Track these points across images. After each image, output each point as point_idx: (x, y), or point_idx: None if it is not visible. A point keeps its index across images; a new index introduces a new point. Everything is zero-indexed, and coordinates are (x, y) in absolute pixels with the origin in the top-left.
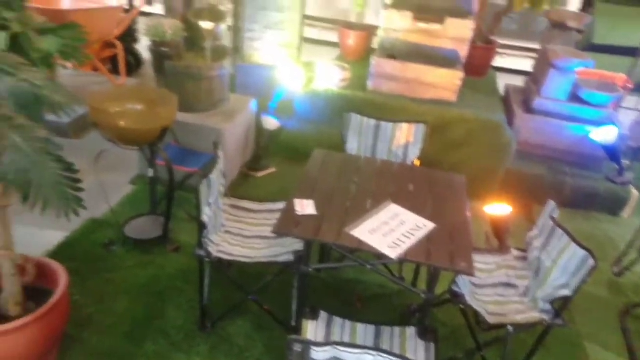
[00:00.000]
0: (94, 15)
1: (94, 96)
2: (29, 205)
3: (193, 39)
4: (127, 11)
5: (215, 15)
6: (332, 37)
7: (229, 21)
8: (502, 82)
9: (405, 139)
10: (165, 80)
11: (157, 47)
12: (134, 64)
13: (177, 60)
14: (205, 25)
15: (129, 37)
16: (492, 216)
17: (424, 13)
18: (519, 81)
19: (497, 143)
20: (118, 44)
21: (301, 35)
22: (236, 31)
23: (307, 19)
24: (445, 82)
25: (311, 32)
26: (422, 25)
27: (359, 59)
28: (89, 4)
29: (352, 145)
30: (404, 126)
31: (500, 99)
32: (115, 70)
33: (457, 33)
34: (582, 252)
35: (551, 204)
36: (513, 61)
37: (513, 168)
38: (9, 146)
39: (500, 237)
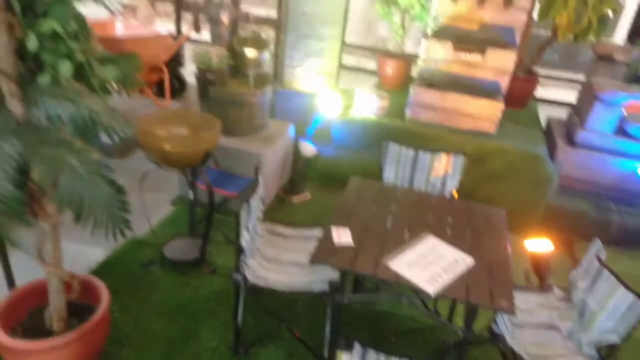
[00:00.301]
0: (145, 42)
1: (142, 119)
2: (80, 224)
3: (237, 66)
4: (175, 38)
5: (259, 44)
6: (371, 64)
7: (272, 49)
8: (544, 113)
9: (443, 170)
10: (209, 105)
11: (202, 74)
12: (178, 87)
13: (221, 87)
14: (249, 53)
15: (175, 61)
16: (532, 252)
17: (464, 43)
18: (561, 112)
19: (538, 176)
20: (165, 68)
21: (340, 63)
22: (278, 58)
23: (346, 46)
24: (484, 113)
25: (350, 59)
26: (463, 55)
27: (398, 88)
28: (141, 31)
29: (390, 174)
30: (442, 157)
31: (541, 131)
32: (160, 93)
33: (498, 64)
34: (631, 296)
35: (597, 243)
36: (555, 92)
37: (555, 202)
38: (66, 168)
39: (541, 275)
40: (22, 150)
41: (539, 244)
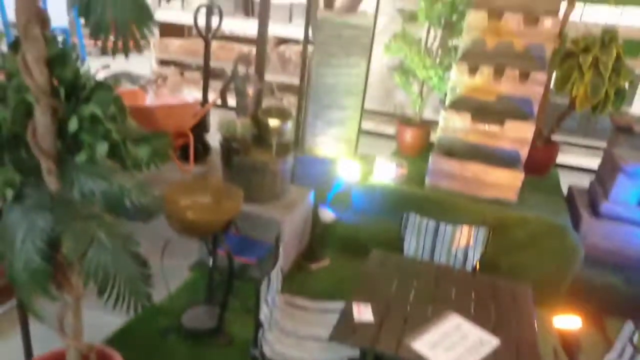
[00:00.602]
0: (174, 110)
1: (167, 188)
2: (103, 298)
3: (260, 134)
4: (202, 105)
5: (282, 114)
6: (389, 129)
7: (294, 116)
8: (564, 179)
9: (465, 242)
10: (232, 172)
11: (227, 142)
12: (202, 152)
13: (245, 155)
14: (273, 122)
15: (200, 127)
16: (560, 329)
17: (482, 114)
18: (580, 178)
19: (562, 248)
20: (190, 134)
21: (359, 129)
22: (299, 125)
23: (365, 112)
24: (505, 182)
25: (369, 124)
26: (481, 126)
27: (417, 154)
28: (170, 100)
29: (410, 246)
30: (464, 229)
31: (563, 200)
32: (184, 157)
33: (517, 135)
34: None
35: (629, 326)
36: (574, 158)
37: (582, 275)
38: (95, 242)
39: (571, 354)
40: (54, 225)
41: (568, 321)
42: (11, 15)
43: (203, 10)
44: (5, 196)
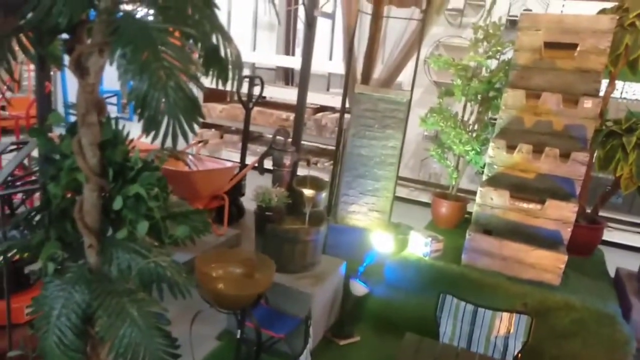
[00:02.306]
0: (212, 174)
1: (199, 258)
2: None
3: (294, 204)
4: (240, 168)
5: (317, 185)
6: (423, 196)
7: (328, 185)
8: (610, 258)
9: (505, 330)
10: (264, 240)
11: (261, 211)
12: (236, 215)
13: (278, 224)
14: (307, 192)
15: (235, 190)
16: None
17: (522, 192)
18: (627, 257)
19: (612, 339)
20: (226, 197)
21: (393, 199)
22: (333, 193)
23: (399, 179)
24: (546, 263)
25: (402, 192)
26: (521, 204)
27: (452, 227)
28: (209, 163)
29: (446, 330)
30: (504, 316)
31: (611, 284)
32: (219, 219)
33: (558, 215)
34: None
35: None
36: (619, 235)
37: None
38: (127, 320)
39: None
40: (90, 300)
41: None
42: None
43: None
44: (48, 270)
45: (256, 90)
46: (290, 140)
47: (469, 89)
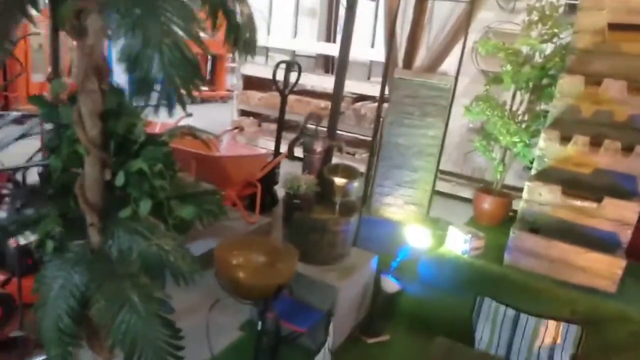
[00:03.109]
0: (243, 161)
1: (220, 245)
2: None
3: (324, 193)
4: (274, 156)
5: (349, 173)
6: (465, 192)
7: (363, 176)
8: None
9: (551, 340)
10: (291, 229)
11: (289, 199)
12: (269, 203)
13: (306, 212)
14: (338, 181)
15: (269, 178)
16: None
17: (575, 188)
18: None
19: None
20: (258, 185)
21: (432, 193)
22: (368, 184)
23: (440, 173)
24: (601, 268)
25: (443, 186)
26: (574, 202)
27: (495, 225)
28: (242, 150)
29: (483, 336)
30: (551, 324)
31: None
32: (252, 207)
33: (617, 215)
34: None
35: None
36: None
37: None
38: (126, 305)
39: None
40: (89, 282)
41: None
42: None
43: (283, 66)
44: (46, 248)
45: (293, 77)
46: (320, 127)
47: (519, 75)
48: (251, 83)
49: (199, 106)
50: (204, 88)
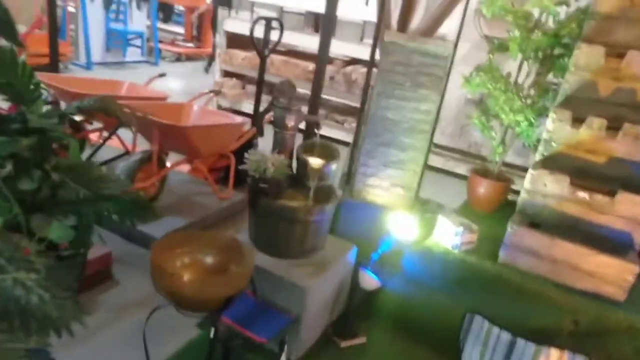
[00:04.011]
0: (214, 131)
1: (157, 244)
2: None
3: (298, 176)
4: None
5: (328, 153)
6: (460, 168)
7: (345, 155)
8: None
9: None
10: (257, 218)
11: (255, 183)
12: (245, 176)
13: (274, 199)
14: (313, 162)
15: (246, 149)
16: None
17: (586, 179)
18: None
19: None
20: (232, 157)
21: (422, 174)
22: (353, 161)
23: (434, 147)
24: (609, 273)
25: (436, 161)
26: (583, 194)
27: (490, 211)
28: (216, 117)
29: (472, 359)
30: (553, 353)
31: None
32: (226, 181)
33: (632, 212)
34: None
35: None
36: None
37: None
38: None
39: None
40: None
41: None
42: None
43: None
44: None
45: (276, 36)
46: (294, 96)
47: (528, 43)
48: (235, 41)
49: (184, 64)
50: (189, 44)
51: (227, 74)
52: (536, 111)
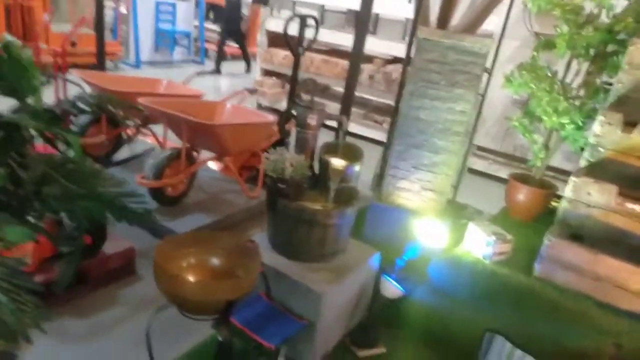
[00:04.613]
0: (242, 129)
1: (162, 244)
2: None
3: (319, 177)
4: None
5: (351, 154)
6: (504, 172)
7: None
8: None
9: None
10: (275, 220)
11: (273, 183)
12: None
13: (293, 200)
14: (335, 163)
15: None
16: None
17: (636, 189)
18: None
19: None
20: (262, 156)
21: (461, 176)
22: (384, 164)
23: (478, 150)
24: None
25: (478, 164)
26: (632, 206)
27: (530, 220)
28: (248, 116)
29: None
30: None
31: None
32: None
33: None
34: None
35: None
36: None
37: None
38: None
39: None
40: None
41: None
42: (144, 36)
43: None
44: None
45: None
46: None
47: (578, 39)
48: (277, 40)
49: (228, 63)
50: (234, 44)
51: (267, 72)
52: (584, 113)
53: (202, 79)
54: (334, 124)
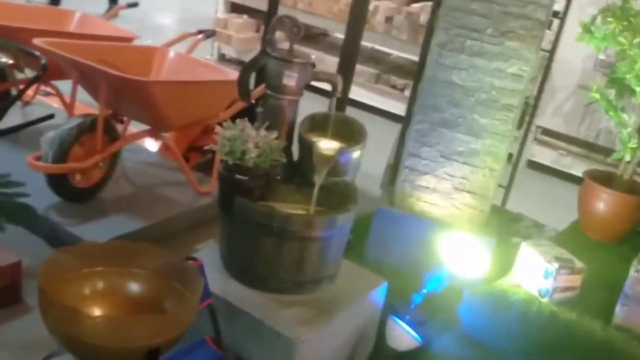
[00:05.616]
0: (193, 91)
1: (52, 260)
2: None
3: (297, 165)
4: None
5: (347, 133)
6: (580, 168)
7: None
8: None
9: None
10: (230, 227)
11: (228, 172)
12: None
13: (257, 199)
14: (322, 146)
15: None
16: None
17: None
18: None
19: None
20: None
21: (514, 172)
22: (399, 150)
23: (545, 134)
24: None
25: (545, 155)
26: None
27: (613, 241)
28: (202, 71)
29: None
30: None
31: None
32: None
33: None
34: None
35: None
36: None
37: None
38: None
39: None
40: None
41: None
42: None
43: None
44: None
45: None
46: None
47: None
48: None
49: None
50: None
51: (235, 7)
52: None
53: (136, 11)
54: (327, 87)
